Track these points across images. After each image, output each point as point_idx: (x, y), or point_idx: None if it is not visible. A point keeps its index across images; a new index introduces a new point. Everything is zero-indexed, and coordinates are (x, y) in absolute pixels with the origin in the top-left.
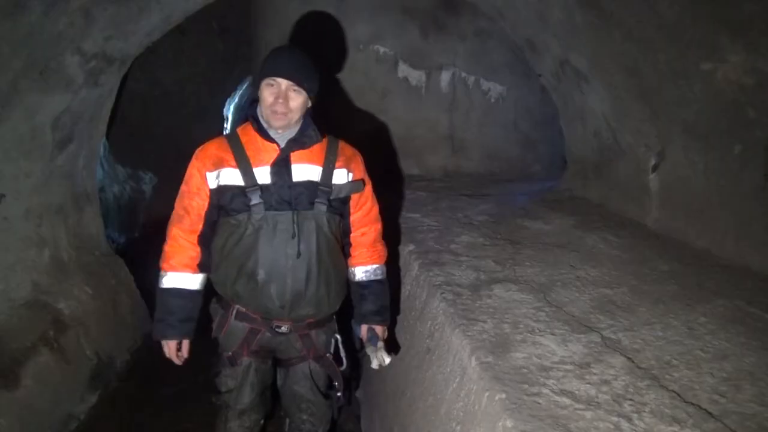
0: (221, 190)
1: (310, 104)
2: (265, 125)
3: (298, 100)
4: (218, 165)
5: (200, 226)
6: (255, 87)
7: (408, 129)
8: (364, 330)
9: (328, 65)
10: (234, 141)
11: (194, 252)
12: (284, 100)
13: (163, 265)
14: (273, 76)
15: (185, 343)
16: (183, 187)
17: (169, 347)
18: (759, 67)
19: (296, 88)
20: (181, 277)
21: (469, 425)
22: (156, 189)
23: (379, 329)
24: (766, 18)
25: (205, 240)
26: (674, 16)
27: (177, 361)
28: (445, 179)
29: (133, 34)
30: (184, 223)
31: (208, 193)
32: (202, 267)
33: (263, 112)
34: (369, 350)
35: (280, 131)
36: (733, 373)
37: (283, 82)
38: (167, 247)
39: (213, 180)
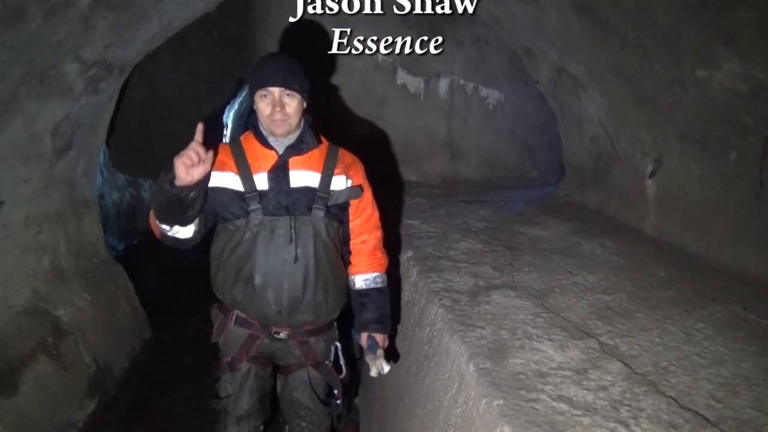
0: (219, 192)
1: (305, 105)
2: (265, 133)
3: (293, 103)
4: (220, 168)
5: None
6: (250, 98)
7: (406, 136)
8: (364, 338)
9: (327, 72)
10: (236, 148)
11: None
12: (281, 108)
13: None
14: (264, 87)
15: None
16: None
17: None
18: (753, 73)
19: (289, 92)
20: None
21: (467, 431)
22: None
23: (380, 337)
24: (759, 25)
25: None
26: (669, 24)
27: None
28: (443, 185)
29: (132, 41)
30: None
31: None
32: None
33: (262, 122)
34: (368, 358)
35: (280, 138)
36: (730, 379)
37: (276, 90)
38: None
39: (213, 178)
